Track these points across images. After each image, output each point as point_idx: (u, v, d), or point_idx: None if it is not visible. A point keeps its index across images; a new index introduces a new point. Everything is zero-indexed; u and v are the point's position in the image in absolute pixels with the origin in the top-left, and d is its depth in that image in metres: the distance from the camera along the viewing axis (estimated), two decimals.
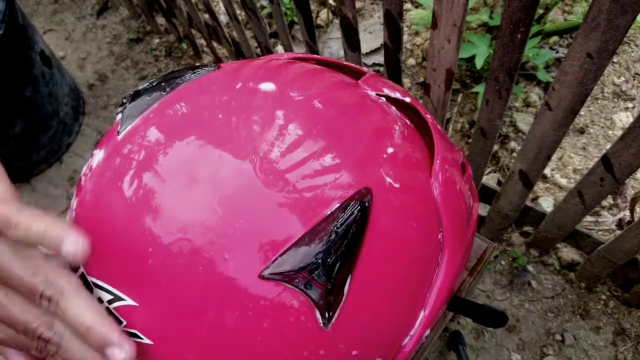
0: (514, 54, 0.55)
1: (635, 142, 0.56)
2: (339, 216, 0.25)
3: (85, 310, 0.25)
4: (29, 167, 1.29)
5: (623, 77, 1.10)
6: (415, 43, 1.27)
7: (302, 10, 0.83)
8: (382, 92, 0.33)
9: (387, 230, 0.26)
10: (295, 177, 0.26)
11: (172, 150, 0.29)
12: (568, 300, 0.91)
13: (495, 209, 0.91)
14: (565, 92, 0.55)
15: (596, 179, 0.66)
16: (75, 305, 0.25)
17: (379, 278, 0.26)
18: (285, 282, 0.25)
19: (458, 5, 0.54)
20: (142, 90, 0.35)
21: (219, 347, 0.26)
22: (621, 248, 0.76)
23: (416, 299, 0.29)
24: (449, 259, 0.30)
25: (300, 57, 0.36)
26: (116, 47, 1.55)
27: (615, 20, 0.44)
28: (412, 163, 0.29)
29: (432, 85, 0.70)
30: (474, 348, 0.90)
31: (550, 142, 0.65)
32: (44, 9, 1.72)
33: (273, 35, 1.37)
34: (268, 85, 0.31)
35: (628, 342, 0.86)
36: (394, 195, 0.27)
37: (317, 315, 0.25)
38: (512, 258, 0.96)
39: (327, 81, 0.31)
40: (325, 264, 0.24)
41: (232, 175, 0.26)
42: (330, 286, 0.25)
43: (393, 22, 0.65)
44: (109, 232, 0.28)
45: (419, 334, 0.29)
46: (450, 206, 0.30)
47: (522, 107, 1.11)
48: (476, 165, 0.80)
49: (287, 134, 0.28)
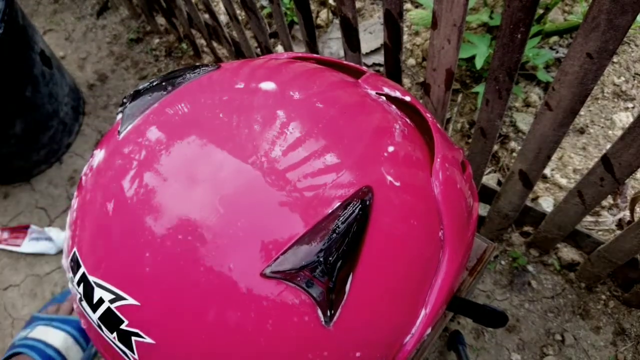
0: (514, 54, 0.55)
1: (635, 142, 0.56)
2: (340, 214, 0.25)
3: None
4: (29, 167, 1.29)
5: (623, 77, 1.10)
6: (415, 43, 1.27)
7: (302, 10, 0.83)
8: (382, 91, 0.33)
9: (388, 228, 0.27)
10: (296, 176, 0.26)
11: (173, 150, 0.29)
12: (568, 300, 0.92)
13: (495, 209, 0.91)
14: (565, 92, 0.55)
15: (596, 179, 0.66)
16: None
17: (380, 276, 0.27)
18: (286, 281, 0.25)
19: (458, 5, 0.54)
20: (142, 90, 0.35)
21: (221, 345, 0.26)
22: (621, 248, 0.76)
23: (417, 297, 0.29)
24: (450, 258, 0.30)
25: (300, 56, 0.36)
26: (116, 47, 1.55)
27: (615, 20, 0.44)
28: (413, 162, 0.29)
29: (432, 85, 0.70)
30: (474, 348, 0.90)
31: (550, 142, 0.65)
32: (44, 9, 1.72)
33: (273, 35, 1.37)
34: (268, 85, 0.31)
35: (628, 342, 0.86)
36: (394, 193, 0.27)
37: (319, 314, 0.25)
38: (512, 258, 0.96)
39: (328, 80, 0.31)
40: (326, 262, 0.25)
41: (233, 175, 0.26)
42: (331, 284, 0.25)
43: (393, 22, 0.65)
44: (110, 231, 0.28)
45: (420, 333, 0.29)
46: (450, 205, 0.30)
47: (522, 107, 1.11)
48: (476, 165, 0.80)
49: (287, 133, 0.28)
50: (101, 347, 0.31)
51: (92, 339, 0.32)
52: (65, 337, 0.52)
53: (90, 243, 0.29)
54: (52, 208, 1.24)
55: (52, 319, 0.54)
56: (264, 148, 0.27)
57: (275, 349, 0.26)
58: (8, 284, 1.17)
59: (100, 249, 0.29)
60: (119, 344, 0.28)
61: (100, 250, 0.29)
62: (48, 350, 0.50)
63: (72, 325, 0.54)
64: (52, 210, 1.24)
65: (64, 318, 0.54)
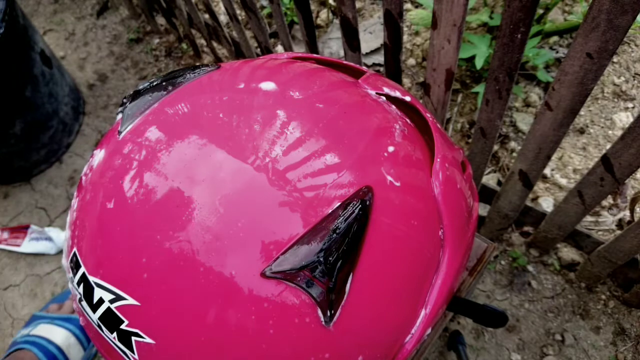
0: (514, 54, 0.55)
1: (635, 142, 0.56)
2: (341, 214, 0.25)
3: None
4: (29, 167, 1.29)
5: (623, 77, 1.10)
6: (415, 43, 1.27)
7: (302, 10, 0.83)
8: (382, 91, 0.33)
9: (388, 228, 0.27)
10: (296, 175, 0.26)
11: (173, 150, 0.29)
12: (568, 300, 0.92)
13: (495, 209, 0.91)
14: (565, 92, 0.55)
15: (596, 179, 0.66)
16: None
17: (380, 276, 0.26)
18: (286, 281, 0.25)
19: (458, 5, 0.54)
20: (142, 90, 0.35)
21: (221, 346, 0.26)
22: (621, 248, 0.76)
23: (417, 297, 0.29)
24: (450, 258, 0.30)
25: (300, 56, 0.36)
26: (116, 47, 1.55)
27: (615, 20, 0.44)
28: (413, 162, 0.29)
29: (432, 85, 0.70)
30: (474, 348, 0.90)
31: (550, 142, 0.65)
32: (44, 9, 1.72)
33: (273, 35, 1.37)
34: (269, 85, 0.31)
35: (628, 342, 0.86)
36: (395, 193, 0.27)
37: (319, 314, 0.25)
38: (512, 258, 0.96)
39: (328, 80, 0.31)
40: (326, 262, 0.25)
41: (233, 175, 0.26)
42: (331, 284, 0.25)
43: (393, 22, 0.65)
44: (110, 231, 0.28)
45: (420, 333, 0.29)
46: (450, 205, 0.30)
47: (522, 107, 1.11)
48: (476, 165, 0.80)
49: (288, 133, 0.28)
50: (101, 347, 0.31)
51: (92, 339, 0.32)
52: (67, 335, 0.52)
53: (90, 243, 0.29)
54: (52, 208, 1.24)
55: (54, 318, 0.54)
56: (264, 148, 0.27)
57: (275, 349, 0.26)
58: (8, 284, 1.17)
59: (100, 249, 0.29)
60: (119, 344, 0.28)
61: (100, 250, 0.29)
62: (50, 347, 0.50)
63: (74, 323, 0.54)
64: (52, 210, 1.24)
65: (66, 317, 0.54)
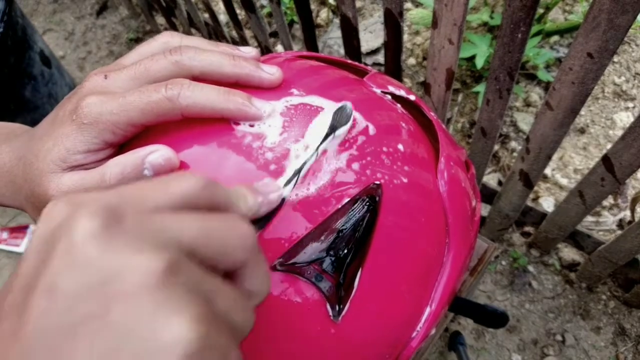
0: (515, 53, 0.55)
1: (635, 141, 0.56)
2: (350, 210, 0.25)
3: None
4: None
5: (623, 77, 1.10)
6: (416, 42, 1.27)
7: (302, 10, 0.82)
8: (387, 90, 0.32)
9: (396, 225, 0.26)
10: (304, 171, 0.26)
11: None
12: (568, 300, 0.91)
13: (496, 209, 0.91)
14: (565, 92, 0.55)
15: (597, 178, 0.66)
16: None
17: (388, 272, 0.26)
18: (296, 274, 0.25)
19: (458, 4, 0.54)
20: None
21: None
22: (622, 248, 0.76)
23: (423, 294, 0.29)
24: (454, 256, 0.30)
25: (304, 55, 0.36)
26: (116, 47, 1.55)
27: (616, 20, 0.44)
28: (419, 160, 0.29)
29: (432, 84, 0.69)
30: (475, 348, 0.90)
31: (550, 141, 0.65)
32: (43, 9, 1.72)
33: (273, 35, 1.37)
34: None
35: (628, 342, 0.86)
36: (402, 191, 0.27)
37: (328, 308, 0.25)
38: (513, 258, 0.96)
39: (332, 77, 0.31)
40: (336, 257, 0.24)
41: (239, 172, 0.26)
42: (340, 279, 0.25)
43: (393, 22, 0.65)
44: None
45: (425, 330, 0.29)
46: (455, 204, 0.30)
47: (523, 106, 1.11)
48: (477, 165, 0.80)
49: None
50: None
51: None
52: None
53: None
54: None
55: None
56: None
57: (283, 342, 0.25)
58: None
59: None
60: None
61: None
62: None
63: None
64: None
65: None
